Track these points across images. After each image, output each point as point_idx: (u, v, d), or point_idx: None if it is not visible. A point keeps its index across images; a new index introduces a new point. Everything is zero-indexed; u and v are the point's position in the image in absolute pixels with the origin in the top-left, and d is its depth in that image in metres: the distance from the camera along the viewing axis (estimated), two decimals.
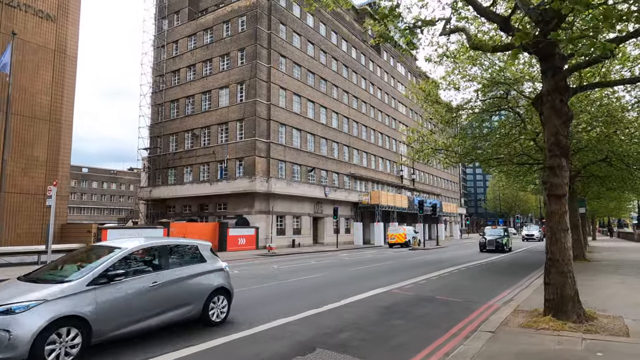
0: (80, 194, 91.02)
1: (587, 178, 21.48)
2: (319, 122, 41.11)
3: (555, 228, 7.34)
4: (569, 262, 7.27)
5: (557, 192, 7.36)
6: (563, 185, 7.35)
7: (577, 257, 19.02)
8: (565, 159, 7.40)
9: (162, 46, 41.44)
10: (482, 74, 16.93)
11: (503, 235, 29.69)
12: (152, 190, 39.03)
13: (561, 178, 7.36)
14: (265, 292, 11.10)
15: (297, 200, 37.03)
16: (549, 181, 7.46)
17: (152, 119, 41.24)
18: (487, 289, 12.10)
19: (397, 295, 10.80)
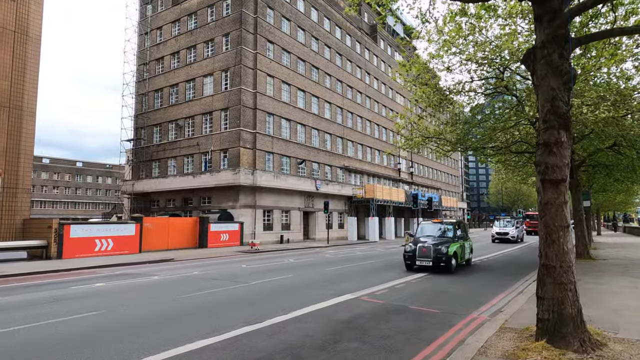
0: (72, 188, 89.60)
1: (593, 168, 19.56)
2: (310, 112, 39.22)
3: (551, 224, 5.51)
4: (569, 270, 5.45)
5: (553, 176, 5.52)
6: (562, 167, 5.52)
7: (581, 256, 17.19)
8: (565, 132, 5.56)
9: (146, 33, 39.57)
10: (474, 50, 15.09)
11: (450, 237, 15.36)
12: (135, 184, 37.34)
13: (559, 157, 5.52)
14: (201, 302, 9.34)
15: (286, 193, 35.26)
16: (543, 162, 5.62)
17: (136, 109, 39.47)
18: (475, 294, 10.29)
19: (364, 304, 9.01)
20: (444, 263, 13.76)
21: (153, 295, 9.98)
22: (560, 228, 5.45)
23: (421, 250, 14.14)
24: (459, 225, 16.46)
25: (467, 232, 17.51)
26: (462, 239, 15.80)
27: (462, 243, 15.37)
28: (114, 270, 15.92)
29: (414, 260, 14.16)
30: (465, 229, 17.32)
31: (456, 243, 14.68)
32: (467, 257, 16.35)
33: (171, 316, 7.85)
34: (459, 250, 14.64)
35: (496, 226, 36.04)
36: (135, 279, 13.09)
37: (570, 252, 5.47)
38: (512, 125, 17.70)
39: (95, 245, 21.55)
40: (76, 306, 8.81)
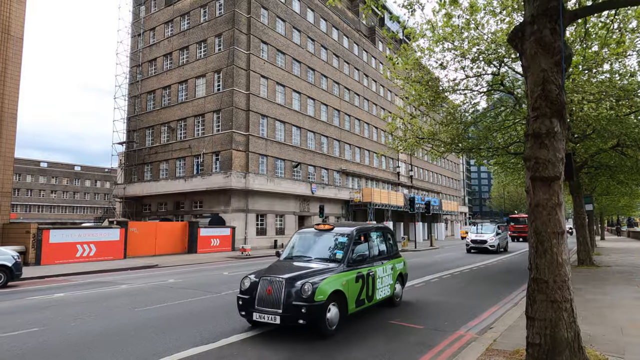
0: (70, 192, 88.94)
1: (595, 170, 18.61)
2: (305, 115, 38.43)
3: (542, 230, 4.63)
4: (565, 285, 4.56)
5: (545, 172, 4.64)
6: (555, 162, 4.64)
7: (583, 262, 16.24)
8: (558, 121, 4.69)
9: (139, 35, 38.95)
10: (469, 46, 14.29)
11: (337, 259, 7.72)
12: (127, 187, 36.57)
13: (552, 151, 4.65)
14: (156, 315, 8.45)
15: (281, 197, 34.39)
16: (532, 156, 4.75)
17: (129, 111, 38.78)
18: (465, 306, 9.38)
19: None
20: (305, 319, 6.41)
21: (109, 308, 9.11)
22: (554, 235, 4.57)
23: (264, 291, 6.77)
24: (365, 236, 8.52)
25: (393, 246, 9.63)
26: (372, 261, 8.35)
27: (368, 271, 7.93)
28: (87, 278, 15.08)
29: (249, 310, 6.81)
30: (389, 241, 9.52)
31: (347, 273, 7.33)
32: (385, 295, 8.65)
33: (114, 334, 6.97)
34: (351, 289, 7.34)
35: (472, 232, 28.03)
36: (101, 289, 12.23)
37: (565, 263, 4.58)
38: (509, 125, 16.85)
39: (76, 250, 20.73)
40: (20, 320, 7.96)
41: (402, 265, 9.66)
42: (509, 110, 16.48)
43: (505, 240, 28.86)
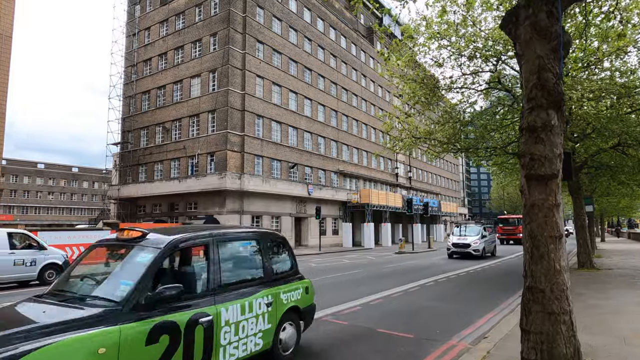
0: (68, 194, 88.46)
1: (595, 170, 18.16)
2: (302, 115, 38.02)
3: (538, 234, 4.18)
4: (563, 295, 4.11)
5: (541, 170, 4.20)
6: (552, 158, 4.20)
7: (584, 265, 15.78)
8: (556, 113, 4.24)
9: (134, 34, 38.56)
10: (465, 42, 13.90)
11: None
12: (121, 189, 36.14)
13: (549, 146, 4.20)
14: None
15: (277, 199, 33.94)
16: (527, 152, 4.30)
17: (124, 112, 38.36)
18: (460, 313, 8.93)
19: (323, 326, 7.67)
20: None
21: None
22: (551, 239, 4.12)
23: None
24: (203, 252, 4.83)
25: (281, 264, 6.06)
26: (217, 293, 4.62)
27: (194, 317, 4.22)
28: None
29: None
30: (272, 255, 5.85)
31: (125, 328, 3.61)
32: (252, 350, 4.95)
33: None
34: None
35: (455, 234, 24.95)
36: None
37: (563, 270, 4.13)
38: (507, 124, 16.42)
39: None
40: None
41: (297, 294, 5.90)
42: (507, 109, 16.08)
43: (492, 244, 25.60)
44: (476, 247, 22.91)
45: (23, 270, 13.60)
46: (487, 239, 24.37)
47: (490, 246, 24.90)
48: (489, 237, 25.17)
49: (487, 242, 24.34)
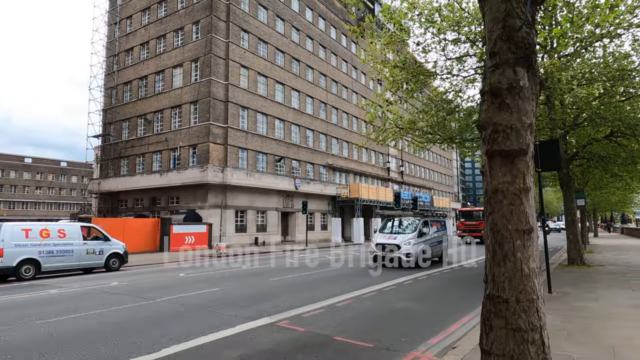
0: (56, 188, 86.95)
1: (588, 161, 17.30)
2: (290, 107, 36.95)
3: (501, 227, 3.24)
4: (532, 306, 3.18)
5: (506, 144, 3.26)
6: (520, 130, 3.26)
7: (574, 262, 14.96)
8: (526, 72, 3.30)
9: (115, 23, 37.26)
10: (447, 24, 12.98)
11: None
12: (102, 183, 35.00)
13: (516, 114, 3.26)
14: (49, 331, 7.04)
15: (262, 193, 32.94)
16: (490, 122, 3.36)
17: (105, 103, 37.14)
18: (432, 316, 8.03)
19: (275, 333, 6.74)
20: None
21: (6, 322, 7.67)
22: (517, 234, 3.19)
23: None
24: None
25: None
26: None
27: None
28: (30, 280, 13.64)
29: None
30: None
31: None
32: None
33: None
34: None
35: (384, 233, 17.37)
36: (27, 293, 10.80)
37: (533, 274, 3.20)
38: None
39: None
40: None
41: None
42: None
43: (438, 245, 17.99)
44: (407, 250, 15.60)
45: (93, 259, 15.80)
46: (428, 239, 16.88)
47: (435, 249, 17.45)
48: (433, 236, 17.55)
49: (429, 243, 16.92)
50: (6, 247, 13.48)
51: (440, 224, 19.47)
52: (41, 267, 14.19)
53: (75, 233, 15.46)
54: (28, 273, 13.80)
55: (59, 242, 14.90)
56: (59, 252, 14.79)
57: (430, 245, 16.96)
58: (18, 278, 13.53)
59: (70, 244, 15.15)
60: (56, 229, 15.16)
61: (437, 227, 18.67)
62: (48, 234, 14.67)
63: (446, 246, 19.05)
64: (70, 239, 15.21)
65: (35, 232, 14.39)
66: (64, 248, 14.96)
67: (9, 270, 13.45)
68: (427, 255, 16.43)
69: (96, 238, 16.41)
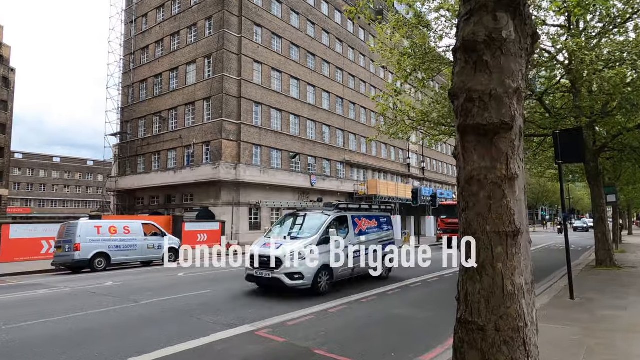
0: (83, 186, 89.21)
1: (619, 153, 15.87)
2: (305, 102, 36.25)
3: (476, 228, 2.42)
4: (518, 337, 2.34)
5: (481, 117, 2.42)
6: (503, 97, 2.41)
7: (602, 263, 13.69)
8: (511, 19, 2.46)
9: (131, 22, 37.41)
10: None
11: None
12: (119, 181, 35.26)
13: (498, 74, 2.42)
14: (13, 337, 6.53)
15: (277, 190, 32.38)
16: (463, 88, 2.53)
17: (122, 102, 37.38)
18: (432, 325, 7.15)
19: (255, 343, 6.04)
20: None
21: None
22: (498, 238, 2.36)
23: None
24: None
25: None
26: None
27: None
28: (26, 279, 13.45)
29: None
30: None
31: None
32: None
33: None
34: None
35: (270, 236, 10.88)
36: (20, 293, 10.49)
37: (519, 293, 2.35)
38: None
39: (42, 247, 19.21)
40: None
41: None
42: None
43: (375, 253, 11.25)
44: (293, 269, 9.46)
45: (153, 253, 17.26)
46: (344, 246, 10.49)
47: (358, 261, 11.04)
48: (359, 241, 11.29)
49: (350, 252, 10.74)
50: (82, 242, 15.09)
51: (378, 220, 12.59)
52: (111, 260, 15.81)
53: (138, 230, 17.09)
54: (100, 265, 15.39)
55: (125, 237, 16.47)
56: (125, 247, 16.35)
57: (354, 255, 10.73)
58: (92, 269, 15.07)
59: (134, 239, 16.72)
60: (122, 226, 16.71)
61: (372, 226, 12.19)
62: (115, 230, 16.28)
63: (392, 257, 11.28)
64: (134, 235, 16.80)
65: (105, 229, 16.00)
66: (129, 243, 16.54)
67: (85, 263, 15.03)
68: (343, 270, 10.37)
69: (154, 234, 17.80)
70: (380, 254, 11.23)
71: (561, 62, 12.03)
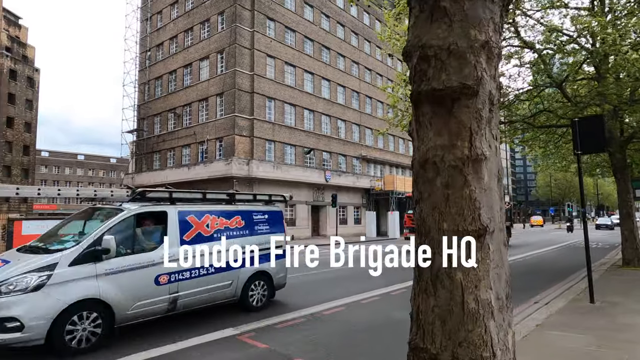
0: (106, 184, 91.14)
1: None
2: (320, 97, 35.68)
3: (431, 226, 1.84)
4: None
5: (438, 81, 1.84)
6: (466, 54, 1.82)
7: (630, 263, 12.72)
8: None
9: (147, 19, 37.57)
10: None
11: None
12: (135, 177, 35.56)
13: (460, 24, 1.83)
14: None
15: (291, 186, 31.91)
16: (417, 44, 1.95)
17: (139, 99, 37.65)
18: None
19: (233, 349, 5.61)
20: None
21: None
22: (458, 236, 1.78)
23: None
24: None
25: None
26: None
27: None
28: None
29: None
30: None
31: None
32: None
33: None
34: None
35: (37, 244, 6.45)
36: None
37: (486, 312, 1.77)
38: (535, 91, 13.52)
39: None
40: None
41: None
42: (533, 70, 13.16)
43: (230, 271, 7.29)
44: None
45: None
46: (123, 267, 6.00)
47: (181, 290, 6.64)
48: (164, 257, 6.42)
49: (144, 279, 6.24)
50: None
51: (248, 218, 8.09)
52: None
53: None
54: None
55: None
56: None
57: (177, 278, 6.63)
58: None
59: None
60: None
61: (232, 227, 7.73)
62: None
63: (281, 272, 8.52)
64: None
65: None
66: None
67: None
68: (143, 307, 6.17)
69: None
70: (248, 272, 7.51)
71: (582, 46, 11.11)
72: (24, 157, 49.18)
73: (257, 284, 7.79)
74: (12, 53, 48.01)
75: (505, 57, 12.75)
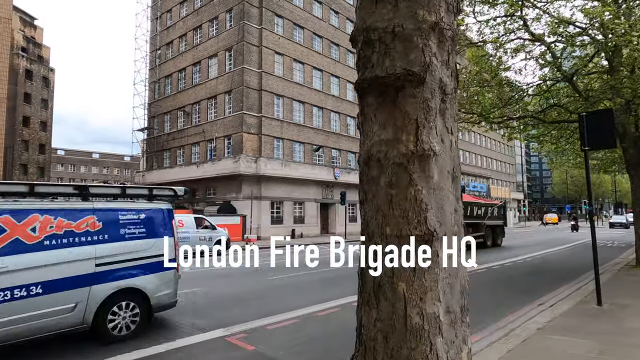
0: (120, 182, 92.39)
1: None
2: (329, 94, 35.45)
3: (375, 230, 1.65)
4: None
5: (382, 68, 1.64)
6: (412, 37, 1.62)
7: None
8: None
9: (156, 18, 37.78)
10: None
11: None
12: (145, 175, 35.86)
13: (407, 4, 1.62)
14: None
15: (299, 183, 31.87)
16: (361, 28, 1.75)
17: (149, 97, 37.93)
18: None
19: (219, 352, 5.47)
20: None
21: None
22: (401, 242, 1.58)
23: None
24: None
25: None
26: None
27: None
28: None
29: None
30: None
31: None
32: None
33: None
34: None
35: None
36: None
37: (433, 327, 1.57)
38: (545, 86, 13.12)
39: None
40: None
41: None
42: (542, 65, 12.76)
43: (63, 292, 5.23)
44: None
45: (204, 244, 17.81)
46: None
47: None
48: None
49: None
50: None
51: (104, 219, 5.81)
52: None
53: (191, 223, 18.26)
54: None
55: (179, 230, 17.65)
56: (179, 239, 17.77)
57: None
58: None
59: (188, 232, 17.63)
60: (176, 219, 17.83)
61: (81, 232, 5.51)
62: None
63: (166, 288, 6.56)
64: (188, 227, 17.80)
65: None
66: (183, 235, 17.15)
67: None
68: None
69: (205, 227, 18.97)
70: (106, 290, 5.60)
71: (592, 38, 10.69)
72: (39, 155, 50.01)
73: (123, 306, 5.81)
74: (28, 53, 48.76)
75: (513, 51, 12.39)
